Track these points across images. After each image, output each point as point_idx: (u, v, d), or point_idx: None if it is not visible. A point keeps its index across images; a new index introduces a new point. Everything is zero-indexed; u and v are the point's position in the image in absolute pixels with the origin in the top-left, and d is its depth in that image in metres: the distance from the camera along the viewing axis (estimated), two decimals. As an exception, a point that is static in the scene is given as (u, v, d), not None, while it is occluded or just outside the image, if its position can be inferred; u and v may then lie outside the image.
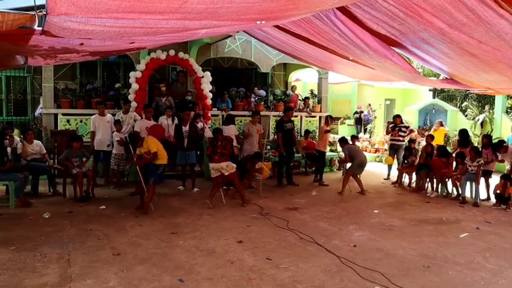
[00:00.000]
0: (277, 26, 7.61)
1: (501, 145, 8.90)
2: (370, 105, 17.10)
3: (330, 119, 10.97)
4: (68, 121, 10.23)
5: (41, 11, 3.56)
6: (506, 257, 5.35)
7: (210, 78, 11.04)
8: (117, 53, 8.35)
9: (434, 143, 10.60)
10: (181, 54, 10.60)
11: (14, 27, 3.93)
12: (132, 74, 10.22)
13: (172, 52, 10.40)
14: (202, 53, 11.60)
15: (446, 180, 9.10)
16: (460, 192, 8.68)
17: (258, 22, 5.01)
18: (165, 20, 3.91)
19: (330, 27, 7.00)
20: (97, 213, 7.00)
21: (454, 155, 9.44)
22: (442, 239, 6.00)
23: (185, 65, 10.85)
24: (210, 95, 11.02)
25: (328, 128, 10.62)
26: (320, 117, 13.26)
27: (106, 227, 6.16)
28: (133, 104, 9.94)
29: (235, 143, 9.29)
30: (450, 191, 9.04)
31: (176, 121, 9.48)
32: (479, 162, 8.48)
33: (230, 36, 10.76)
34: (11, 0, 5.01)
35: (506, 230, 6.61)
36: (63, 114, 10.21)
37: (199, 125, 9.41)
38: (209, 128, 10.61)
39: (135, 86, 10.10)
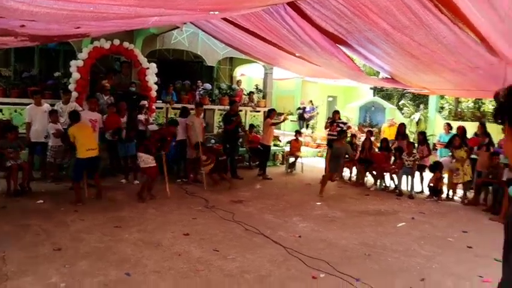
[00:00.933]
0: (226, 19, 7.60)
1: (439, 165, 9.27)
2: (311, 101, 17.48)
3: (274, 113, 11.03)
4: (1, 110, 9.60)
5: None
6: (438, 244, 5.73)
7: (156, 70, 10.80)
8: (58, 38, 7.92)
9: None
10: (126, 44, 10.27)
11: None
12: (73, 63, 9.76)
13: (116, 41, 10.05)
14: (148, 44, 11.32)
15: (385, 174, 9.55)
16: (397, 185, 9.14)
17: (212, 12, 4.97)
18: (117, 6, 3.78)
19: (279, 23, 7.09)
20: (34, 208, 6.64)
21: (393, 150, 9.92)
22: (381, 229, 6.31)
23: (130, 55, 10.53)
24: (155, 87, 10.79)
25: (274, 121, 10.71)
26: (264, 112, 13.39)
27: (45, 222, 5.88)
28: (74, 94, 9.50)
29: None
30: (388, 184, 9.50)
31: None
32: (415, 157, 8.97)
33: (177, 27, 10.60)
34: None
35: (438, 220, 7.06)
36: (-4, 103, 9.58)
37: (141, 116, 9.23)
38: (153, 120, 10.41)
39: (76, 76, 9.66)
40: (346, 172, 10.55)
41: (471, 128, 10.58)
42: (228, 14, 6.74)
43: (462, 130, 9.75)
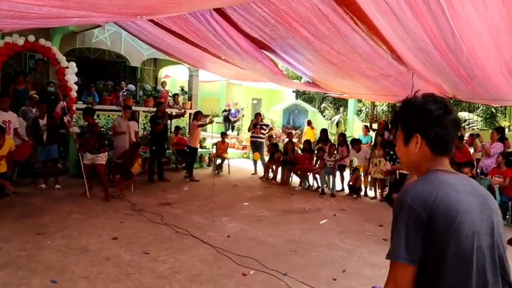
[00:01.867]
0: (151, 21, 7.54)
1: (357, 142, 10.02)
2: (236, 104, 17.71)
3: (201, 115, 11.10)
4: None
5: None
6: (357, 238, 6.17)
7: (76, 70, 10.34)
8: (-34, 34, 7.37)
9: (305, 138, 11.60)
10: (42, 41, 9.72)
11: None
12: (-18, 60, 9.09)
13: (31, 38, 9.47)
14: (67, 42, 10.83)
15: (308, 174, 10.00)
16: (319, 184, 9.62)
17: (139, 17, 4.95)
18: (39, 6, 3.65)
19: (205, 27, 7.19)
20: None
21: (315, 151, 10.41)
22: (306, 226, 6.64)
23: (47, 53, 9.98)
24: (75, 87, 10.33)
25: (200, 123, 10.77)
26: (190, 114, 13.37)
27: (-46, 231, 5.47)
28: (-17, 93, 8.85)
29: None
30: (311, 184, 9.96)
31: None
32: (336, 158, 9.51)
33: (99, 26, 10.24)
34: None
35: (357, 216, 7.56)
36: None
37: (64, 118, 8.83)
38: (74, 121, 9.98)
39: (-15, 73, 9.02)
40: (271, 173, 10.88)
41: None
42: (155, 17, 6.71)
43: (384, 125, 10.42)
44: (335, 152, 9.70)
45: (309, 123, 14.92)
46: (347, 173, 10.03)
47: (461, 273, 1.41)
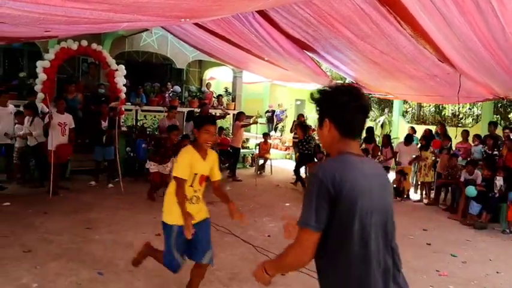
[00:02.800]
0: (196, 24, 7.72)
1: (410, 138, 9.78)
2: (280, 105, 17.72)
3: (243, 116, 11.23)
4: (-36, 111, 9.36)
5: None
6: (400, 242, 5.79)
7: (124, 72, 10.77)
8: (25, 39, 7.84)
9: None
10: (94, 46, 10.20)
11: None
12: (39, 63, 9.61)
13: (84, 42, 9.97)
14: (117, 46, 11.29)
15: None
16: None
17: (182, 20, 5.10)
18: (89, 11, 3.85)
19: (248, 29, 7.28)
20: (0, 210, 6.57)
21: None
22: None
23: (98, 57, 10.47)
24: (124, 89, 10.76)
25: (243, 123, 10.88)
26: (233, 115, 13.54)
27: (12, 224, 5.83)
28: (40, 96, 9.37)
29: None
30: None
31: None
32: (380, 159, 9.34)
33: (147, 30, 10.62)
34: None
35: (400, 219, 7.07)
36: (-43, 104, 9.31)
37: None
38: (122, 122, 10.39)
39: (42, 76, 9.51)
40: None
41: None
42: (198, 21, 6.87)
43: (429, 133, 10.20)
44: (379, 154, 9.53)
45: None
46: (391, 175, 9.81)
47: (363, 243, 1.68)
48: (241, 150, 11.77)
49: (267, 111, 18.01)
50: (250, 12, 6.44)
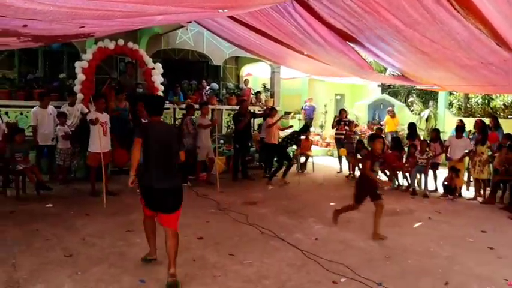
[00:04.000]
0: (232, 18, 7.46)
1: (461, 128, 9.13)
2: (311, 99, 17.14)
3: (274, 112, 10.78)
4: (7, 113, 9.51)
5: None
6: (458, 245, 5.56)
7: (161, 70, 10.67)
8: (63, 39, 7.78)
9: (386, 130, 10.72)
10: (130, 44, 10.15)
11: None
12: (77, 64, 9.65)
13: (121, 42, 9.93)
14: (153, 44, 11.20)
15: (398, 172, 9.38)
16: (410, 183, 8.97)
17: (221, 11, 4.83)
18: (122, 3, 3.65)
19: (288, 20, 6.94)
20: (43, 212, 6.55)
21: (405, 148, 9.74)
22: (398, 229, 6.15)
23: (135, 55, 10.41)
24: (162, 88, 10.66)
25: (272, 122, 10.47)
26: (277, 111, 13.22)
27: (54, 226, 5.77)
28: (80, 96, 9.39)
29: None
30: (401, 183, 9.33)
31: None
32: (428, 155, 8.80)
33: (182, 26, 10.46)
34: None
35: (455, 219, 6.89)
36: (1, 106, 9.47)
37: None
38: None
39: (81, 77, 9.54)
40: (357, 171, 10.39)
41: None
42: (236, 12, 6.60)
43: (482, 124, 9.48)
44: (427, 149, 8.98)
45: (389, 112, 14.07)
46: (441, 172, 9.24)
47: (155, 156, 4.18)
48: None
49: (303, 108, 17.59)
50: (290, 2, 6.11)
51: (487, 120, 10.32)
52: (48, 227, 5.71)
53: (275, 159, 9.99)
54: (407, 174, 9.15)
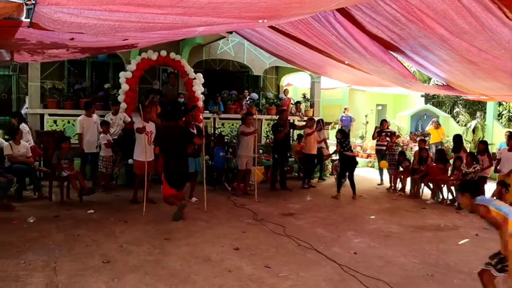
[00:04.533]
0: (272, 27, 7.45)
1: None
2: (347, 109, 16.69)
3: (312, 122, 10.68)
4: (55, 122, 9.92)
5: (30, 0, 3.33)
6: (509, 266, 5.22)
7: (202, 80, 10.82)
8: (108, 50, 8.06)
9: (430, 141, 10.29)
10: (172, 55, 10.37)
11: (-1, 17, 3.68)
12: (122, 75, 9.95)
13: (163, 52, 10.16)
14: (194, 54, 11.38)
15: (442, 186, 9.01)
16: (455, 197, 8.59)
17: (260, 21, 4.82)
18: (163, 15, 3.69)
19: (328, 30, 6.85)
20: (85, 217, 6.72)
21: (451, 160, 9.36)
22: (442, 246, 5.87)
23: (177, 66, 10.62)
24: (202, 97, 10.80)
25: (310, 131, 10.35)
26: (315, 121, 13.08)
27: (95, 232, 5.90)
28: (123, 105, 9.66)
29: None
30: (446, 197, 8.95)
31: None
32: (476, 168, 8.40)
33: (223, 37, 10.57)
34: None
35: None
36: (50, 115, 9.89)
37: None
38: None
39: (125, 87, 9.83)
40: (399, 184, 10.09)
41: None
42: (276, 22, 6.59)
43: None
44: (474, 162, 8.58)
45: (433, 122, 13.59)
46: (489, 187, 8.79)
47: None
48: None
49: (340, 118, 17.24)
50: (331, 11, 6.03)
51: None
52: (89, 233, 5.84)
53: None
54: (452, 187, 8.77)
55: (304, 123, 12.36)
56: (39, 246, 5.26)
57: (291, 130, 10.92)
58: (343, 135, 9.43)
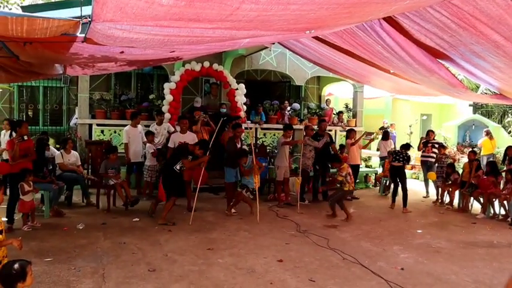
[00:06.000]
0: (316, 38, 7.41)
1: None
2: (392, 126, 16.04)
3: (353, 133, 10.57)
4: (102, 131, 10.25)
5: (86, 18, 3.46)
6: None
7: (245, 91, 10.90)
8: (154, 63, 8.28)
9: (482, 153, 9.87)
10: (215, 66, 10.51)
11: (57, 34, 3.84)
12: (166, 85, 10.18)
13: (206, 64, 10.31)
14: (237, 65, 11.50)
15: (494, 199, 8.60)
16: (509, 212, 8.17)
17: (307, 32, 4.79)
18: (212, 29, 3.74)
19: (374, 39, 6.73)
20: (130, 225, 6.87)
21: (502, 174, 8.93)
22: (496, 265, 5.57)
23: (219, 76, 10.75)
24: (244, 108, 10.87)
25: (353, 141, 10.24)
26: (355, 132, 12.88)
27: (140, 240, 6.01)
28: (167, 116, 9.86)
29: None
30: (498, 212, 8.53)
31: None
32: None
33: (265, 48, 10.63)
34: (62, 11, 5.06)
35: None
36: (98, 125, 10.24)
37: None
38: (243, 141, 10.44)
39: (169, 98, 10.05)
40: (446, 197, 9.73)
41: None
42: (322, 32, 6.54)
43: None
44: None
45: (487, 133, 13.05)
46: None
47: None
48: (363, 169, 11.06)
49: (381, 128, 16.85)
50: (377, 20, 5.92)
51: None
52: (135, 241, 5.96)
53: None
54: (505, 202, 8.35)
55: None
56: (87, 252, 5.42)
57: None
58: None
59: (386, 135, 11.47)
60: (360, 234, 6.77)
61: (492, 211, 8.60)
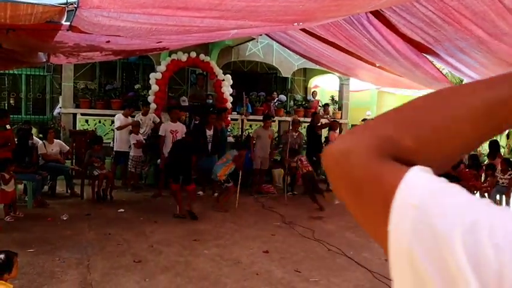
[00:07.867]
0: (304, 30, 7.41)
1: None
2: (372, 115, 16.35)
3: (336, 124, 10.61)
4: (87, 121, 10.12)
5: (72, 4, 3.40)
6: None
7: (231, 82, 10.86)
8: (140, 52, 8.19)
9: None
10: (202, 57, 10.43)
11: (41, 20, 3.77)
12: (152, 76, 10.07)
13: (193, 54, 10.23)
14: (223, 56, 11.43)
15: (475, 192, 8.77)
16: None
17: (296, 24, 4.79)
18: (200, 18, 3.71)
19: (360, 32, 6.77)
20: (116, 216, 6.83)
21: (484, 166, 9.11)
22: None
23: (206, 67, 10.68)
24: (231, 99, 10.84)
25: (336, 136, 10.31)
26: (341, 124, 12.95)
27: (125, 231, 5.98)
28: (153, 106, 9.78)
29: None
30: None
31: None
32: (511, 175, 8.15)
33: (252, 39, 10.57)
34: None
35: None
36: (82, 114, 10.10)
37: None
38: (229, 132, 10.44)
39: (154, 88, 9.95)
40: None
41: None
42: (310, 25, 6.54)
43: None
44: (510, 169, 8.32)
45: None
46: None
47: None
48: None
49: (364, 119, 16.97)
50: (364, 14, 5.95)
51: None
52: (120, 232, 5.93)
53: None
54: (485, 194, 8.53)
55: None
56: (72, 243, 5.37)
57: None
58: None
59: None
60: (344, 225, 6.82)
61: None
